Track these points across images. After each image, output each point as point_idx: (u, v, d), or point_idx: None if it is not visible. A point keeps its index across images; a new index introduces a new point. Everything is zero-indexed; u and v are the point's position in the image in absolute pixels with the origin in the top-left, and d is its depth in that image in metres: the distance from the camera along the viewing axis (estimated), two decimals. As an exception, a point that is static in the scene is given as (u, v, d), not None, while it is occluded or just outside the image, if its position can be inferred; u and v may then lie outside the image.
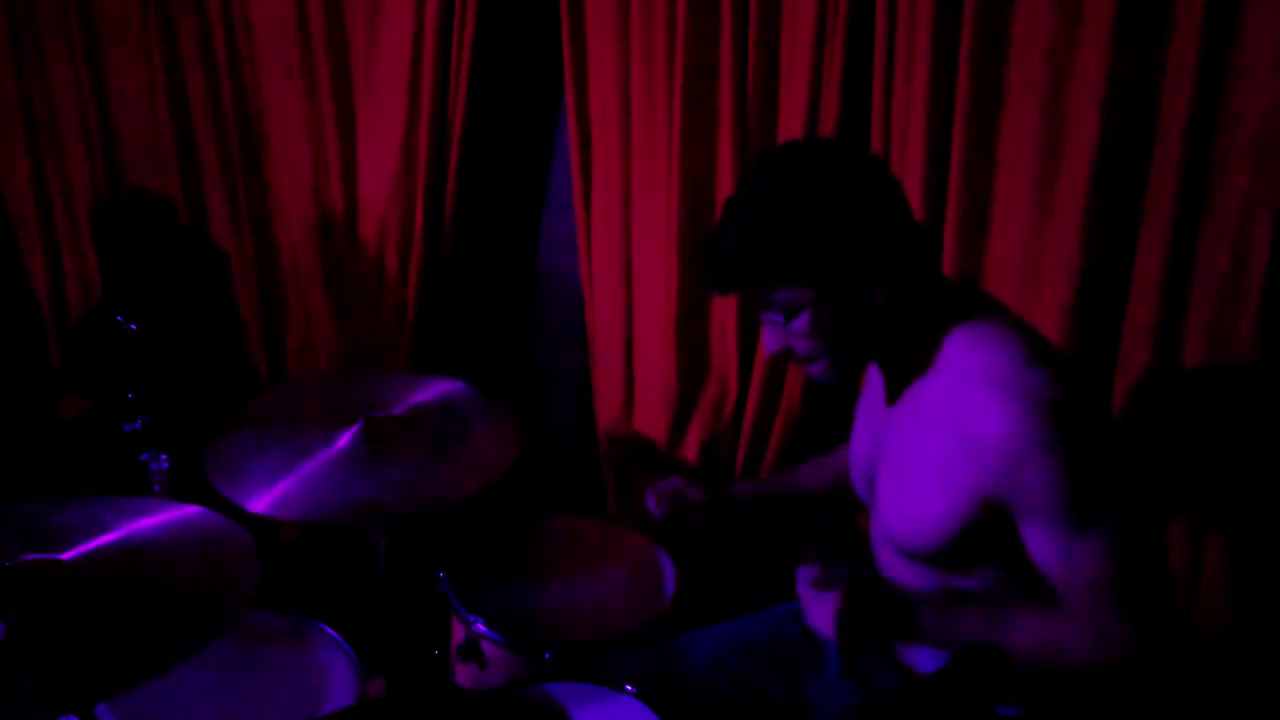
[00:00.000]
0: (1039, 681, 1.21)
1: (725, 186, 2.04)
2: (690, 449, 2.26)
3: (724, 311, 2.14)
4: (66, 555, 1.31)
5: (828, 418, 1.98)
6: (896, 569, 1.41)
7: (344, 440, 1.70)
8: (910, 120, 1.76)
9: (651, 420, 2.30)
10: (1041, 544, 1.19)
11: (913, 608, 1.31)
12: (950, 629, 1.29)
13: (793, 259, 1.24)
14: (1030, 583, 1.24)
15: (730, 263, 1.29)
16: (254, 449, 1.70)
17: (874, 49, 1.79)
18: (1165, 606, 1.22)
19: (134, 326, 2.67)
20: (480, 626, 1.70)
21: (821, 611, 1.27)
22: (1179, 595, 1.69)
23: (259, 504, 1.57)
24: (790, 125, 1.92)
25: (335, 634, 1.71)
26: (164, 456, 2.12)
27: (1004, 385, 1.18)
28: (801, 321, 1.27)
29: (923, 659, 1.42)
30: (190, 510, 1.44)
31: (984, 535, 1.24)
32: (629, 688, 1.50)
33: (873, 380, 1.49)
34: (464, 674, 1.76)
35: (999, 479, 1.18)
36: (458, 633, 1.77)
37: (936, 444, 1.24)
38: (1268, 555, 1.64)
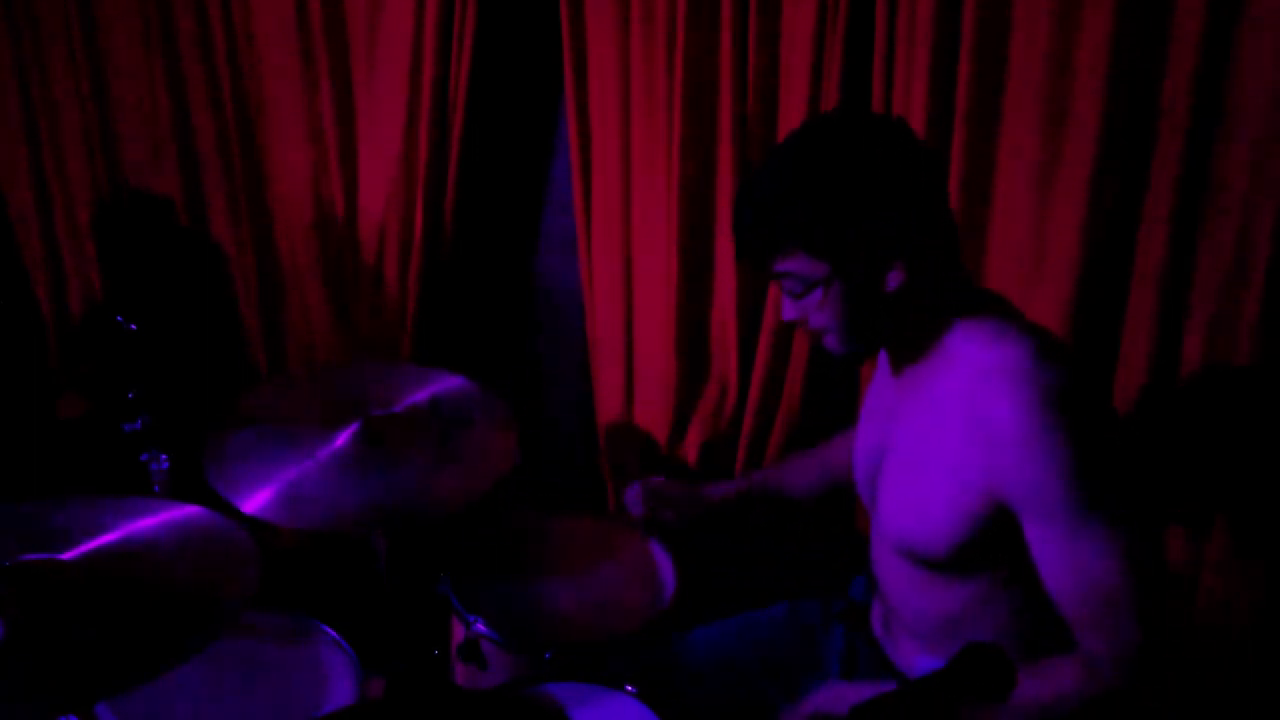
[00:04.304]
0: (1031, 706, 1.20)
1: (725, 187, 2.04)
2: (690, 449, 2.26)
3: (724, 311, 2.14)
4: (66, 555, 1.31)
5: (828, 418, 1.98)
6: (894, 574, 1.41)
7: (342, 440, 1.70)
8: (910, 119, 1.76)
9: (651, 420, 2.30)
10: (1045, 543, 1.18)
11: None
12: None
13: (805, 230, 1.23)
14: (1027, 594, 1.24)
15: (745, 230, 1.28)
16: (253, 450, 1.69)
17: (874, 48, 1.79)
18: (1165, 617, 1.20)
19: (134, 326, 2.67)
20: (480, 626, 1.70)
21: None
22: (1178, 597, 1.69)
23: (257, 508, 1.57)
24: (790, 125, 1.92)
25: (335, 634, 1.71)
26: (164, 456, 2.11)
27: (1020, 377, 1.18)
28: (814, 297, 1.27)
29: (921, 665, 1.42)
30: (190, 510, 1.44)
31: (989, 539, 1.23)
32: (629, 687, 1.50)
33: (880, 379, 1.48)
34: (464, 674, 1.76)
35: (1010, 470, 1.17)
36: (458, 633, 1.77)
37: (949, 439, 1.24)
38: (1268, 554, 1.64)
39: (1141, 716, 1.17)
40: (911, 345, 1.32)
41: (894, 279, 1.24)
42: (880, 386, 1.47)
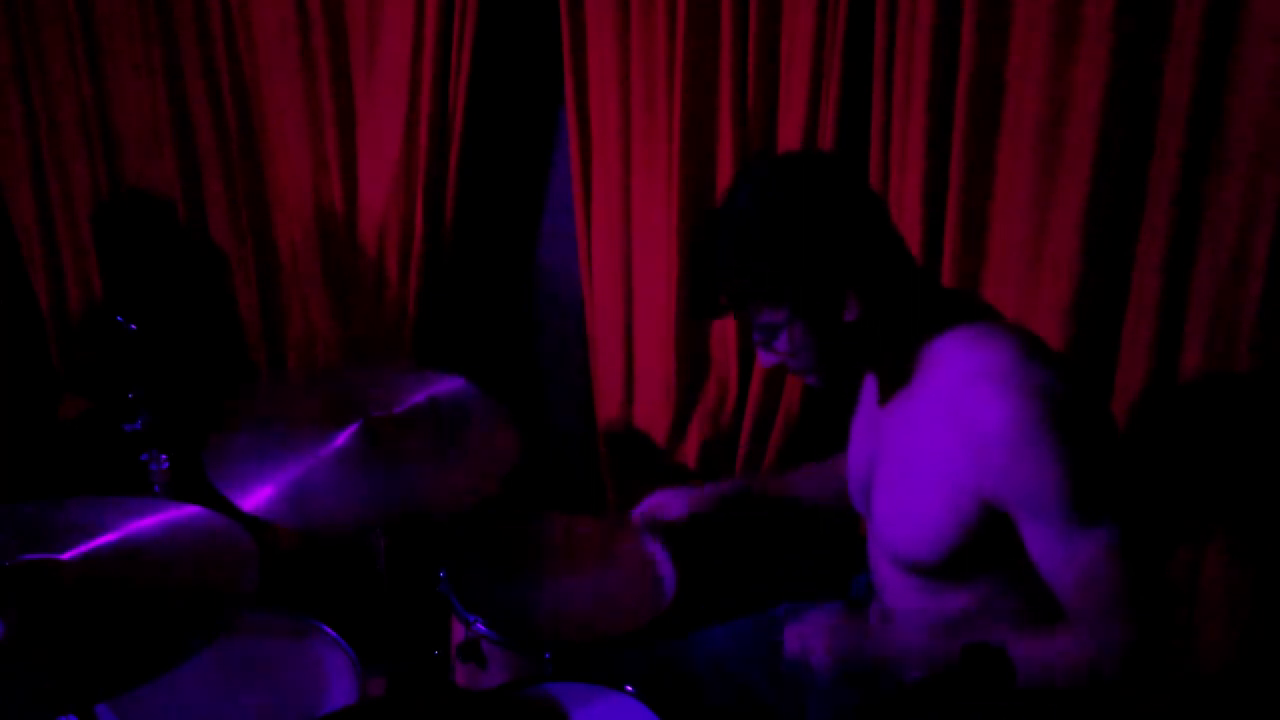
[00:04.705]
0: (1036, 696, 1.20)
1: (725, 187, 2.04)
2: (690, 449, 2.26)
3: (724, 311, 2.14)
4: (66, 555, 1.31)
5: (828, 419, 1.98)
6: (892, 582, 1.41)
7: (342, 440, 1.70)
8: (910, 122, 1.76)
9: (651, 420, 2.30)
10: (1043, 541, 1.18)
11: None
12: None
13: (757, 285, 1.25)
14: (1026, 597, 1.24)
15: (699, 290, 1.32)
16: (254, 450, 1.69)
17: (873, 50, 1.79)
18: (1162, 611, 1.21)
19: (134, 326, 2.67)
20: (480, 626, 1.70)
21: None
22: (1178, 600, 1.69)
23: (259, 506, 1.57)
24: (790, 125, 1.92)
25: (335, 634, 1.71)
26: (164, 456, 2.11)
27: (1004, 378, 1.18)
28: (782, 341, 1.29)
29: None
30: (190, 510, 1.44)
31: (982, 543, 1.23)
32: (629, 688, 1.50)
33: (868, 390, 1.49)
34: (464, 674, 1.76)
35: (1000, 473, 1.17)
36: (458, 633, 1.77)
37: (937, 445, 1.24)
38: (1268, 558, 1.64)
39: (1143, 716, 1.17)
40: (893, 360, 1.34)
41: (852, 309, 1.26)
42: (868, 398, 1.48)
